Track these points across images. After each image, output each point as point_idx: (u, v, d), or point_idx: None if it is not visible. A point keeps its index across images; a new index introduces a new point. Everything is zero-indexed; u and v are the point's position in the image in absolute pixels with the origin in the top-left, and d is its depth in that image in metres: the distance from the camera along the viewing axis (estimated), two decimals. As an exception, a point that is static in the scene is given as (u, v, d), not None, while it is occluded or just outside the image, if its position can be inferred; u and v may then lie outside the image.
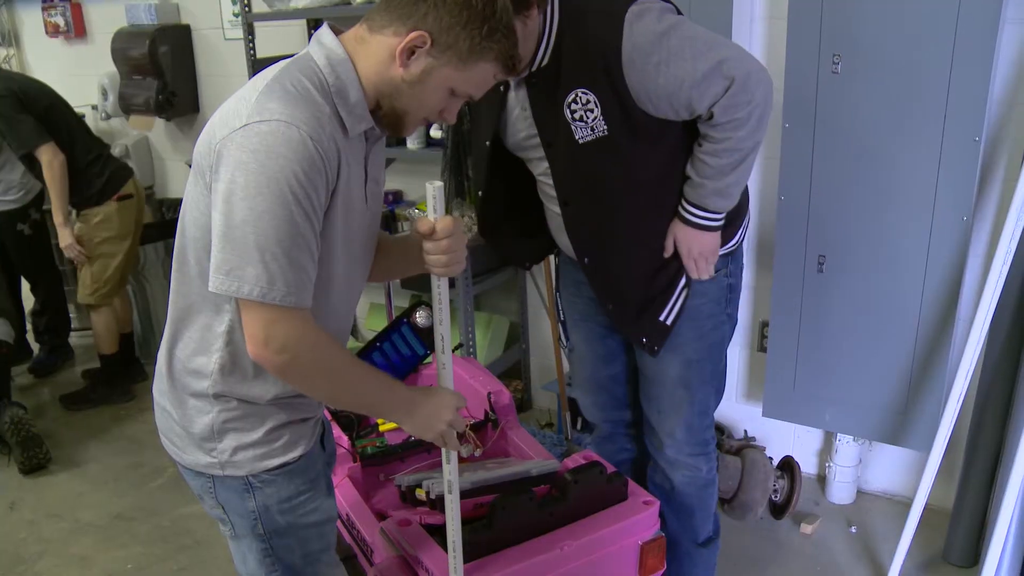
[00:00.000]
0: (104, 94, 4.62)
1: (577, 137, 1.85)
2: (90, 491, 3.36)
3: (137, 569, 2.88)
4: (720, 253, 2.00)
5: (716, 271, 2.02)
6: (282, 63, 1.39)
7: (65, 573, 2.88)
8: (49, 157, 3.51)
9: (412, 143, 3.22)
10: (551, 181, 1.98)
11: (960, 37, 2.24)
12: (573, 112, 1.84)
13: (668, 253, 1.99)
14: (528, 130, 1.95)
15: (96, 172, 3.70)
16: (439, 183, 1.42)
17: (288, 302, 1.29)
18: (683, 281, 2.02)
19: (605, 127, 1.83)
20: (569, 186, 1.95)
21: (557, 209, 2.03)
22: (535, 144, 1.95)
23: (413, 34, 1.33)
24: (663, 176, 1.93)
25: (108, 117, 4.74)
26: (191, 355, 1.47)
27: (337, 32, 1.42)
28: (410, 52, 1.35)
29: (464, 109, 2.94)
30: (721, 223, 1.95)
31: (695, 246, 1.96)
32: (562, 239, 2.09)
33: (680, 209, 1.94)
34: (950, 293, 2.46)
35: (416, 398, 1.52)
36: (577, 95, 1.82)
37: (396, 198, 3.75)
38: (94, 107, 4.79)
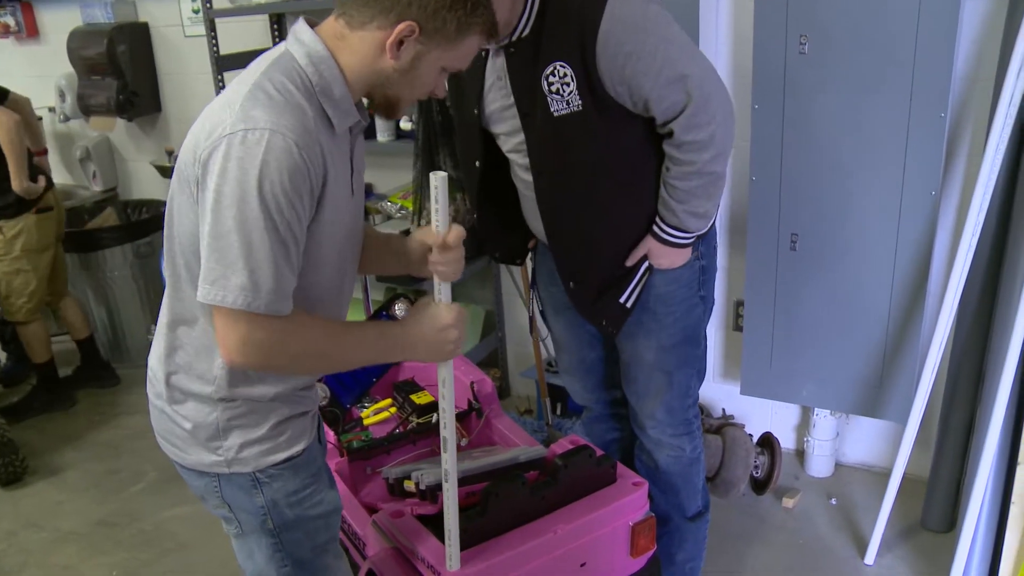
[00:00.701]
0: (62, 95, 4.54)
1: (553, 110, 1.86)
2: (69, 499, 3.32)
3: (123, 575, 2.86)
4: None
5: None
6: (262, 63, 1.38)
7: (49, 583, 2.86)
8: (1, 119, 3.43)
9: (382, 136, 3.21)
10: (525, 158, 1.98)
11: (924, 16, 2.28)
12: (551, 85, 1.84)
13: (631, 263, 2.01)
14: (504, 100, 1.94)
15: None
16: (443, 174, 1.41)
17: (272, 310, 1.31)
18: (645, 265, 2.03)
19: (580, 102, 1.83)
20: (543, 158, 1.95)
21: (530, 192, 2.03)
22: (511, 115, 1.94)
23: (401, 26, 1.33)
24: (636, 163, 1.94)
25: (67, 119, 4.65)
26: (193, 361, 1.47)
27: (313, 25, 1.41)
28: (399, 43, 1.35)
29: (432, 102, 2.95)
30: (693, 239, 1.98)
31: (665, 260, 2.00)
32: (535, 223, 2.09)
33: (655, 226, 1.96)
34: (921, 267, 2.51)
35: (411, 332, 1.48)
36: (555, 68, 1.82)
37: (367, 191, 3.74)
38: (51, 109, 4.70)
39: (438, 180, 1.42)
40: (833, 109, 2.48)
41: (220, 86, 3.34)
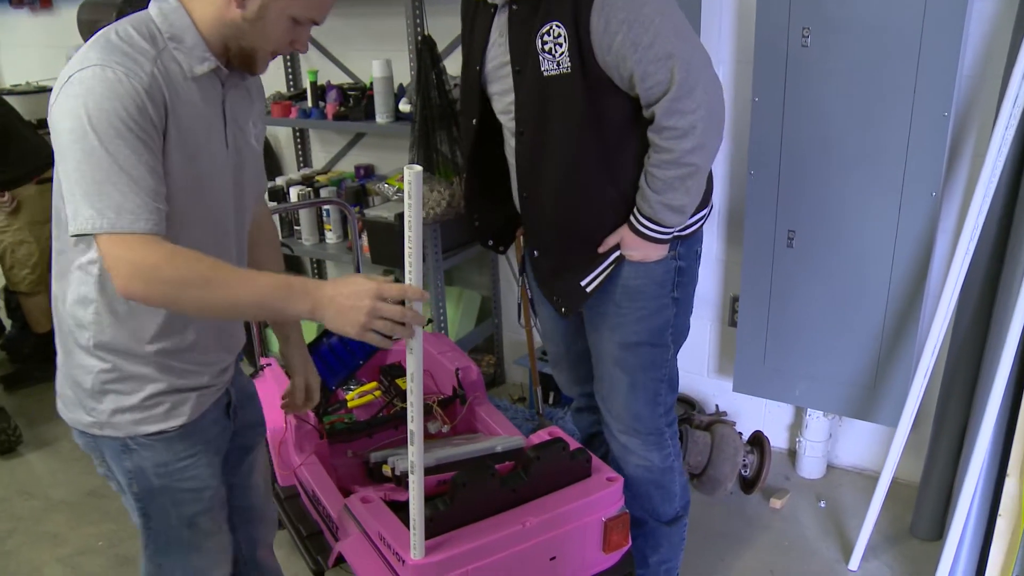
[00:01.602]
0: (73, 66, 4.54)
1: (543, 69, 1.86)
2: (62, 469, 3.34)
3: (108, 545, 2.87)
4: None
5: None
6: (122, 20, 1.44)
7: (36, 550, 2.87)
8: None
9: (381, 117, 3.19)
10: (512, 120, 1.97)
11: (930, 12, 2.23)
12: (544, 44, 1.84)
13: (603, 249, 1.98)
14: (502, 57, 1.95)
15: (17, 156, 3.61)
16: (418, 168, 1.38)
17: (137, 227, 1.31)
18: (615, 255, 2.00)
19: (569, 64, 1.83)
20: (526, 116, 1.94)
21: (515, 159, 2.02)
22: (506, 73, 1.94)
23: None
24: (617, 141, 1.91)
25: (78, 90, 4.65)
26: (72, 305, 1.50)
27: None
28: None
29: (445, 80, 2.92)
30: (670, 237, 1.94)
31: (637, 253, 1.97)
32: (516, 195, 2.09)
33: (631, 217, 1.94)
34: (919, 269, 2.46)
35: (324, 288, 1.36)
36: (551, 27, 1.82)
37: (367, 172, 3.72)
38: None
39: (412, 175, 1.39)
40: (834, 105, 2.43)
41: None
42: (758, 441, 2.88)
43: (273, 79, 3.85)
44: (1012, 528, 2.18)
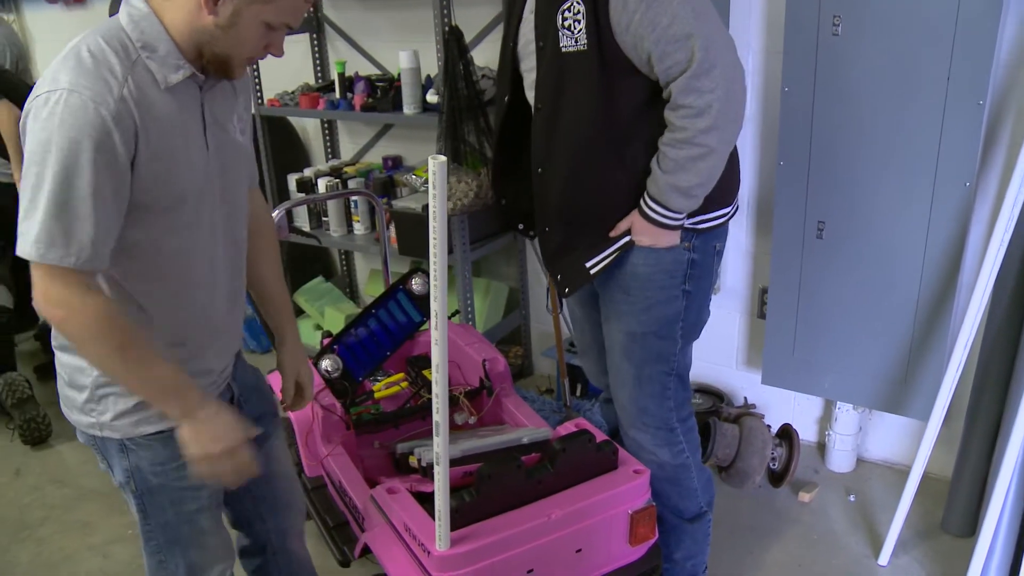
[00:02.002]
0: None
1: (562, 45, 1.87)
2: (92, 459, 3.25)
3: (138, 536, 2.89)
4: (687, 224, 1.96)
5: (680, 242, 1.97)
6: (95, 28, 1.42)
7: (68, 538, 2.92)
8: (3, 115, 3.47)
9: (408, 108, 3.19)
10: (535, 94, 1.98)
11: (964, -3, 2.19)
12: (564, 20, 1.85)
13: (615, 234, 1.98)
14: (529, 34, 1.97)
15: None
16: (443, 158, 1.38)
17: (67, 263, 1.32)
18: (624, 240, 1.99)
19: (586, 41, 1.83)
20: (544, 91, 1.95)
21: None
22: (532, 50, 1.96)
23: None
24: (630, 123, 1.90)
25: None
26: None
27: None
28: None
29: (471, 69, 2.92)
30: (680, 224, 1.93)
31: (646, 238, 1.95)
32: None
33: (641, 201, 1.93)
34: (952, 260, 2.42)
35: (199, 412, 1.48)
36: (572, 3, 1.83)
37: (395, 163, 3.73)
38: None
39: (436, 165, 1.38)
40: (865, 94, 2.39)
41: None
42: (787, 434, 2.85)
43: (301, 71, 3.87)
44: (1047, 524, 2.15)
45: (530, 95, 2.03)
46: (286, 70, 3.84)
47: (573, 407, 3.21)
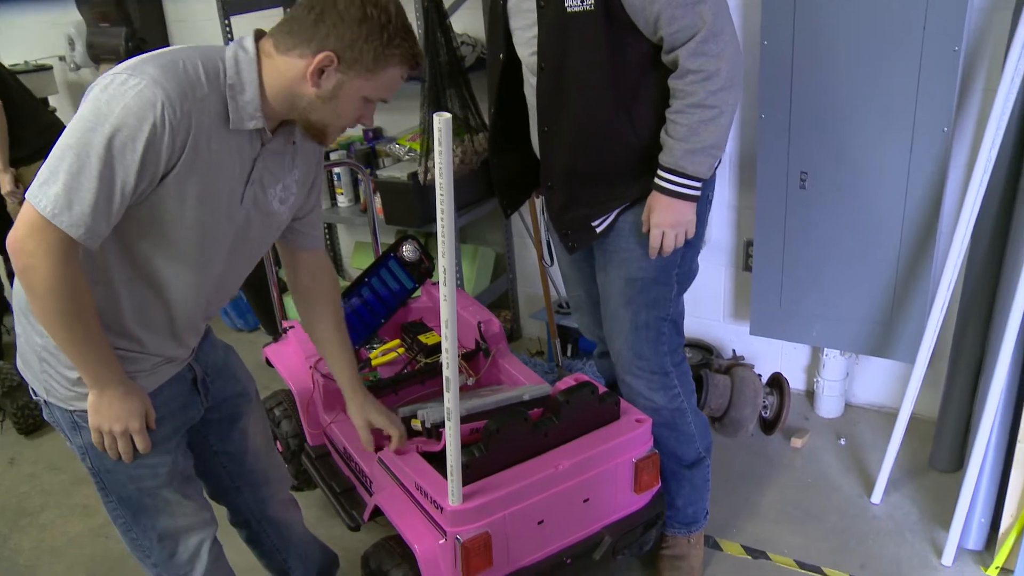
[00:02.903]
0: (71, 44, 4.51)
1: (567, 5, 1.87)
2: None
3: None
4: None
5: None
6: (198, 47, 1.45)
7: (69, 522, 2.93)
8: None
9: (389, 78, 3.18)
10: (534, 56, 1.98)
11: (938, -57, 2.22)
12: None
13: (644, 229, 2.00)
14: None
15: (33, 132, 3.60)
16: (446, 115, 1.39)
17: (71, 231, 1.33)
18: (626, 204, 2.03)
19: (592, 1, 1.84)
20: (548, 53, 1.96)
21: (535, 99, 2.03)
22: (529, 7, 1.95)
23: (320, 56, 1.41)
24: (636, 82, 1.92)
25: (77, 68, 4.62)
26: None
27: (259, 38, 1.48)
28: (320, 72, 1.43)
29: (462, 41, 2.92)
30: (697, 192, 1.94)
31: (667, 216, 1.95)
32: (535, 136, 2.10)
33: (656, 179, 1.94)
34: (931, 205, 2.48)
35: (118, 390, 1.49)
36: None
37: (376, 135, 3.73)
38: (62, 58, 4.68)
39: (441, 122, 1.40)
40: (843, 44, 2.43)
41: (228, 32, 3.31)
42: (777, 382, 2.92)
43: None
44: (1032, 454, 2.22)
45: (525, 53, 2.03)
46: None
47: (565, 367, 3.25)
